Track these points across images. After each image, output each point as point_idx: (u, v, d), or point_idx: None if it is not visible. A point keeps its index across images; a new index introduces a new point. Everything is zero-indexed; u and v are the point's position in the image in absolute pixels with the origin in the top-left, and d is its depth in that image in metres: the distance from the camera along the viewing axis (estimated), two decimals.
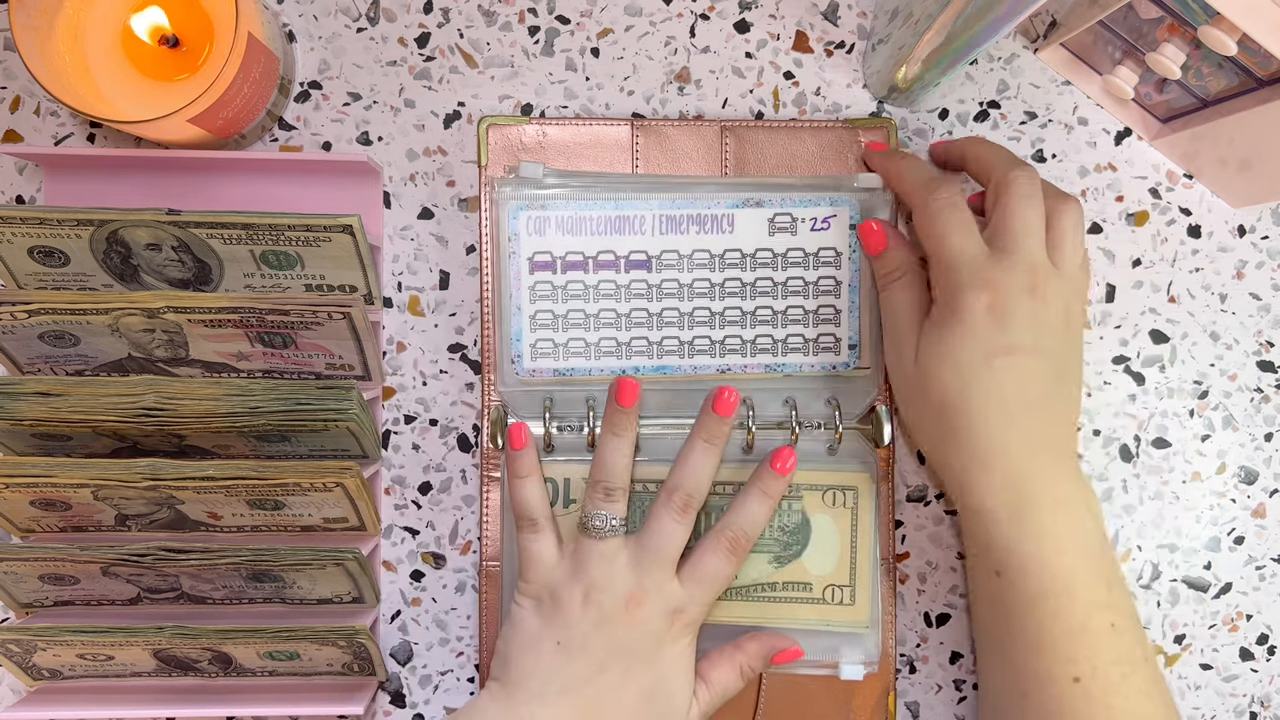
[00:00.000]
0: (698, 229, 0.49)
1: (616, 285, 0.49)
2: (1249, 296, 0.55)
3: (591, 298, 0.50)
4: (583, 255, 0.49)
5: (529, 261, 0.49)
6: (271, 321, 0.48)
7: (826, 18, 0.55)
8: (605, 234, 0.49)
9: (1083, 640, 0.41)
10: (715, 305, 0.50)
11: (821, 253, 0.50)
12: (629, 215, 0.48)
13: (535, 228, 0.48)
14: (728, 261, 0.50)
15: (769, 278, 0.50)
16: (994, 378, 0.42)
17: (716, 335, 0.51)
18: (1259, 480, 0.56)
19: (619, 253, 0.49)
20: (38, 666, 0.51)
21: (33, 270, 0.49)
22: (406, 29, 0.54)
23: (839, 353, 0.51)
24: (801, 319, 0.51)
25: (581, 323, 0.50)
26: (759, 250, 0.50)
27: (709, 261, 0.50)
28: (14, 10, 0.45)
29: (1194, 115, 0.52)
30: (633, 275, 0.50)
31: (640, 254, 0.50)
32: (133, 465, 0.47)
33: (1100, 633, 0.41)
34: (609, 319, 0.50)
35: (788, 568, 0.50)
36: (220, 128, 0.50)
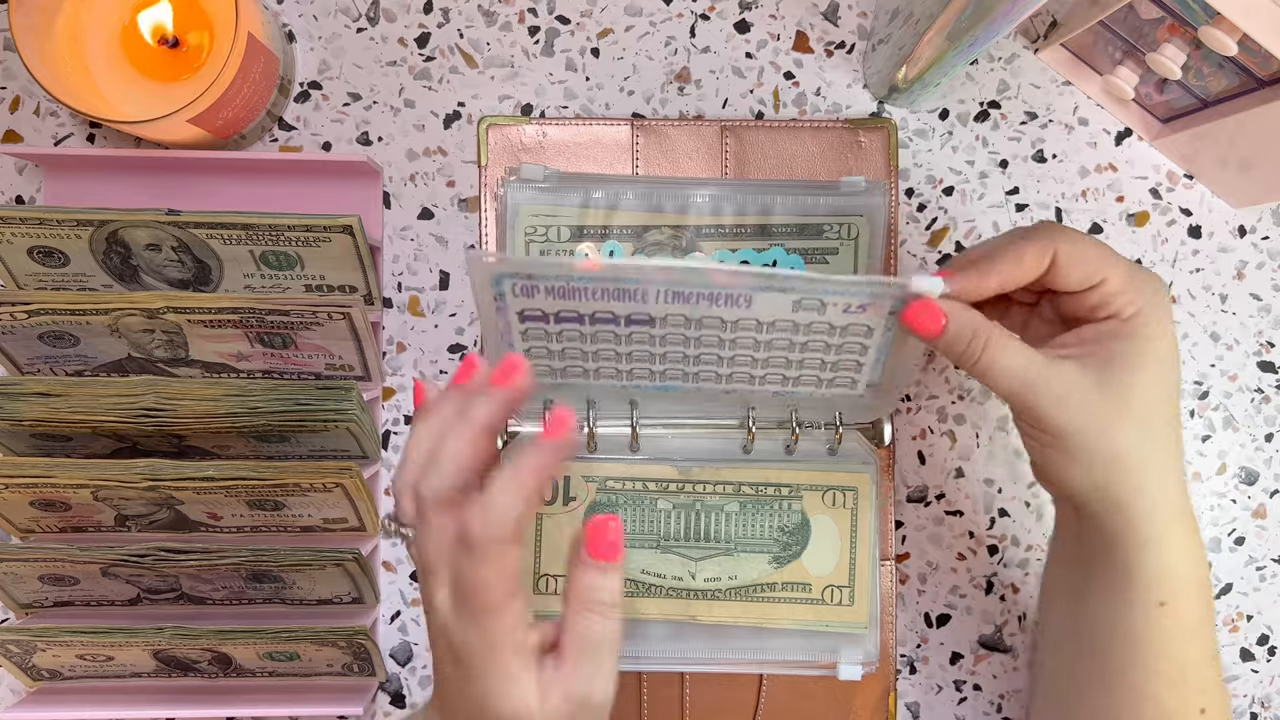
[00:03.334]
0: (709, 303, 0.42)
1: (616, 335, 0.44)
2: (1249, 297, 0.55)
3: (589, 340, 0.45)
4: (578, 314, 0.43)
5: (518, 315, 0.43)
6: (271, 322, 0.48)
7: (827, 18, 0.55)
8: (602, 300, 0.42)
9: (1212, 669, 0.41)
10: (724, 352, 0.45)
11: (852, 327, 0.44)
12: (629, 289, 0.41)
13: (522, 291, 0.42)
14: (741, 328, 0.44)
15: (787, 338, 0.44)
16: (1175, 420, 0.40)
17: (724, 371, 0.46)
18: (1259, 481, 0.55)
19: (618, 313, 0.43)
20: (37, 667, 0.51)
21: (32, 270, 0.49)
22: (406, 29, 0.54)
23: (855, 388, 0.47)
24: (819, 367, 0.46)
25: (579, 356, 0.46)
26: (779, 320, 0.43)
27: (720, 325, 0.44)
28: (14, 10, 0.45)
29: (1194, 115, 0.52)
30: (634, 329, 0.44)
31: (643, 315, 0.43)
32: (132, 466, 0.47)
33: (1215, 658, 0.42)
34: (608, 355, 0.46)
35: (787, 568, 0.50)
36: (220, 128, 0.49)
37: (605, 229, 0.51)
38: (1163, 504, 0.40)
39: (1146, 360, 0.39)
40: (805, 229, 0.51)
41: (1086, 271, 0.40)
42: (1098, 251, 0.40)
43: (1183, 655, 0.40)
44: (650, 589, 0.51)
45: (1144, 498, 0.39)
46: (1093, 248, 0.40)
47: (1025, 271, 0.40)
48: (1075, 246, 0.40)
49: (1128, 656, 0.41)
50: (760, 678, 0.52)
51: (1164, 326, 0.40)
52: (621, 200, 0.51)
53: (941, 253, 0.55)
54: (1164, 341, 0.40)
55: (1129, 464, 0.39)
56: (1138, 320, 0.40)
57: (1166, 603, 0.40)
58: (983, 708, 0.55)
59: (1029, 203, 0.55)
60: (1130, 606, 0.41)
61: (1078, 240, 0.40)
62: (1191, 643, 0.40)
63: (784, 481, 0.51)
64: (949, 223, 0.55)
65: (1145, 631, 0.41)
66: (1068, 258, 0.40)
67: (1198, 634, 0.41)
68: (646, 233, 0.51)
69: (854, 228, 0.51)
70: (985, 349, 0.40)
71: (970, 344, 0.40)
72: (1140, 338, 0.40)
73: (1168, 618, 0.40)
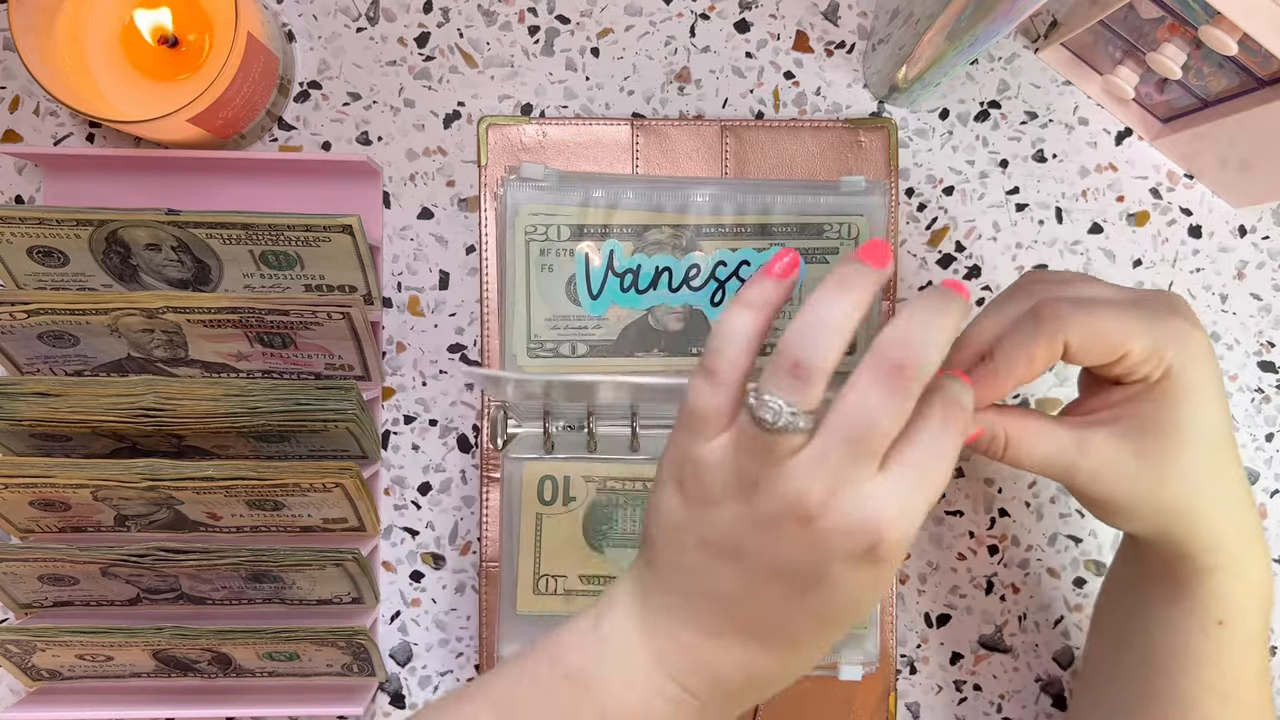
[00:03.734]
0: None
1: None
2: (1250, 297, 0.55)
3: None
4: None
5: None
6: (271, 322, 0.48)
7: (827, 17, 0.55)
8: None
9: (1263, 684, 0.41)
10: None
11: None
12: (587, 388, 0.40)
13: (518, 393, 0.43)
14: None
15: None
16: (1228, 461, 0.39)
17: None
18: (1260, 481, 0.55)
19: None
20: (37, 667, 0.51)
21: (32, 270, 0.49)
22: (406, 29, 0.54)
23: None
24: None
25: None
26: None
27: None
28: (13, 10, 0.45)
29: (1194, 115, 0.52)
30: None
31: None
32: (132, 466, 0.47)
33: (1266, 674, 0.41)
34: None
35: None
36: (220, 128, 0.49)
37: (605, 228, 0.51)
38: (1225, 538, 0.39)
39: (1182, 418, 0.37)
40: (805, 228, 0.51)
41: (1103, 352, 0.37)
42: (1114, 324, 0.36)
43: (1236, 670, 0.40)
44: None
45: (1202, 538, 0.39)
46: (1107, 321, 0.36)
47: (1038, 368, 0.37)
48: (1088, 331, 0.36)
49: (1180, 667, 0.40)
50: None
51: (1200, 375, 0.37)
52: (621, 199, 0.51)
53: (941, 252, 0.55)
54: (1202, 391, 0.37)
55: (1182, 515, 0.38)
56: (1167, 381, 0.37)
57: (1225, 622, 0.39)
58: (983, 708, 0.55)
59: (1029, 202, 0.55)
60: (1188, 618, 0.40)
61: (1089, 322, 0.36)
62: (1246, 659, 0.40)
63: None
64: (949, 222, 0.55)
65: (1200, 646, 0.40)
66: (1081, 345, 0.36)
67: (1253, 650, 0.40)
68: (646, 232, 0.51)
69: (854, 227, 0.51)
70: (1007, 448, 0.38)
71: (990, 445, 0.39)
72: (1172, 397, 0.37)
73: (1225, 634, 0.39)
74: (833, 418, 0.32)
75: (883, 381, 0.32)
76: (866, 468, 0.32)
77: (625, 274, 0.51)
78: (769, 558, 0.33)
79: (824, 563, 0.33)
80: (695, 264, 0.51)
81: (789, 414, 0.32)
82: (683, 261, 0.51)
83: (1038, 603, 0.55)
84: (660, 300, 0.51)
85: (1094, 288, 0.39)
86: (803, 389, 0.32)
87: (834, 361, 0.32)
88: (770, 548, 0.33)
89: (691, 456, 0.34)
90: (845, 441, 0.32)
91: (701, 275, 0.51)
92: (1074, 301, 0.37)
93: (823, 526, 0.32)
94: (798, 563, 0.33)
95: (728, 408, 0.34)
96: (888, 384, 0.32)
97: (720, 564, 0.34)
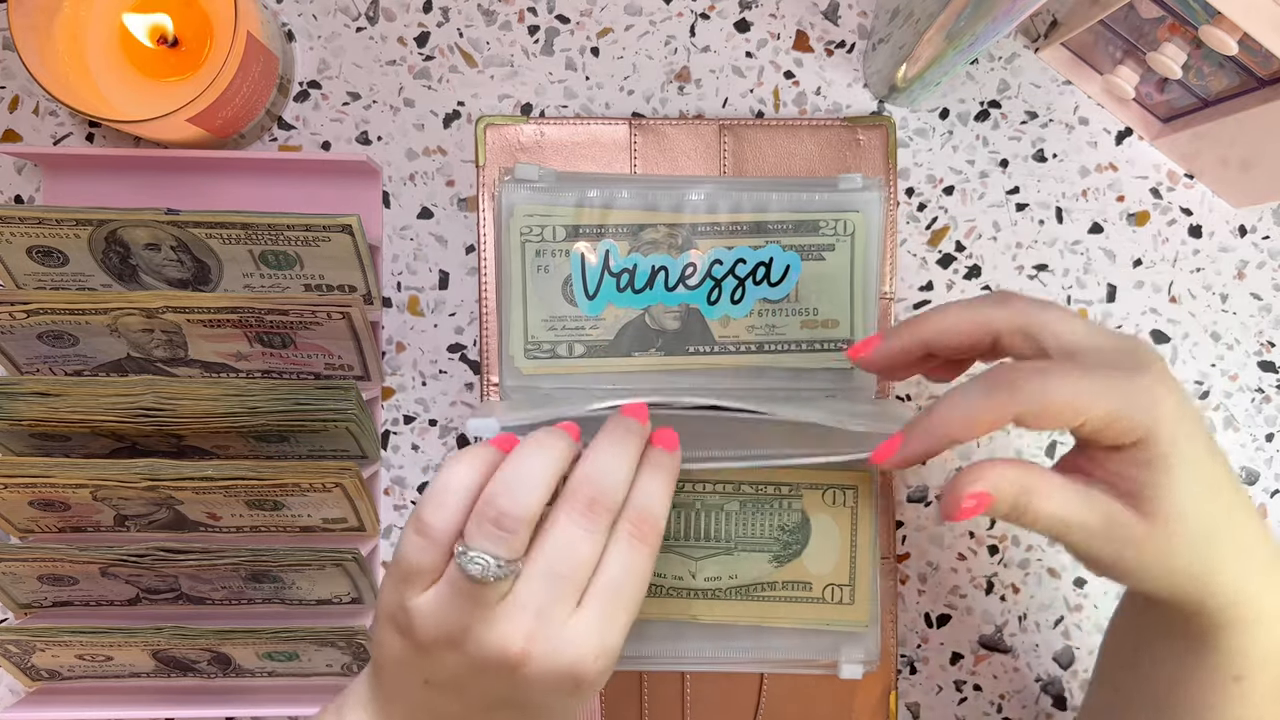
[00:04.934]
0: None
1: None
2: (1250, 296, 0.55)
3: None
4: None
5: None
6: (270, 321, 0.48)
7: (827, 17, 0.55)
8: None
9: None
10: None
11: None
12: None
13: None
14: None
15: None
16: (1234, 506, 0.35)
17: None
18: (1260, 481, 0.55)
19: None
20: (36, 667, 0.51)
21: (31, 270, 0.49)
22: (406, 28, 0.54)
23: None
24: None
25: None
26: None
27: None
28: (13, 10, 0.45)
29: (1195, 115, 0.52)
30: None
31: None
32: (131, 465, 0.47)
33: None
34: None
35: (787, 567, 0.50)
36: (219, 127, 0.49)
37: (601, 228, 0.51)
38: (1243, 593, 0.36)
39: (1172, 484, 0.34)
40: (801, 225, 0.51)
41: (1056, 422, 0.34)
42: (1067, 394, 0.33)
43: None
44: (651, 589, 0.51)
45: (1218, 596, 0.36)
46: (1061, 392, 0.33)
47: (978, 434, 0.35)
48: (1039, 404, 0.34)
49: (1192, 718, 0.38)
50: (761, 677, 0.52)
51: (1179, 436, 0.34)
52: (617, 199, 0.51)
53: (941, 252, 0.55)
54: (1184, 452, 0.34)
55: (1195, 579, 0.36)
56: (1145, 447, 0.34)
57: (1243, 677, 0.37)
58: (983, 708, 0.55)
59: (1029, 202, 0.55)
60: (1203, 673, 0.38)
61: (1042, 393, 0.34)
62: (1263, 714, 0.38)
63: (784, 480, 0.51)
64: (949, 222, 0.55)
65: (1216, 702, 0.38)
66: (1032, 417, 0.34)
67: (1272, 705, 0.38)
68: (642, 231, 0.51)
69: (850, 224, 0.51)
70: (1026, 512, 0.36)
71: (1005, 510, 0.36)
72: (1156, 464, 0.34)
73: (1242, 690, 0.37)
74: (534, 561, 0.35)
75: (577, 519, 0.35)
76: (566, 606, 0.35)
77: (621, 274, 0.51)
78: (489, 695, 0.35)
79: (538, 697, 0.35)
80: (691, 263, 0.51)
81: (495, 567, 0.34)
82: (679, 260, 0.51)
83: (1038, 603, 0.55)
84: (657, 299, 0.51)
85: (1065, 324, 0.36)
86: (508, 540, 0.34)
87: (537, 510, 0.35)
88: (488, 687, 0.35)
89: (405, 607, 0.36)
90: (546, 583, 0.34)
91: (698, 274, 0.51)
92: (1031, 370, 0.34)
93: (528, 674, 0.34)
94: (515, 699, 0.35)
95: (439, 563, 0.35)
96: (582, 521, 0.35)
97: (445, 699, 0.36)
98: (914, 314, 0.39)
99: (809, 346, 0.51)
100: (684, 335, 0.51)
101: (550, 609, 0.34)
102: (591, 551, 0.35)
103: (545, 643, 0.34)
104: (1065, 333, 0.36)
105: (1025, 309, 0.37)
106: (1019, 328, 0.37)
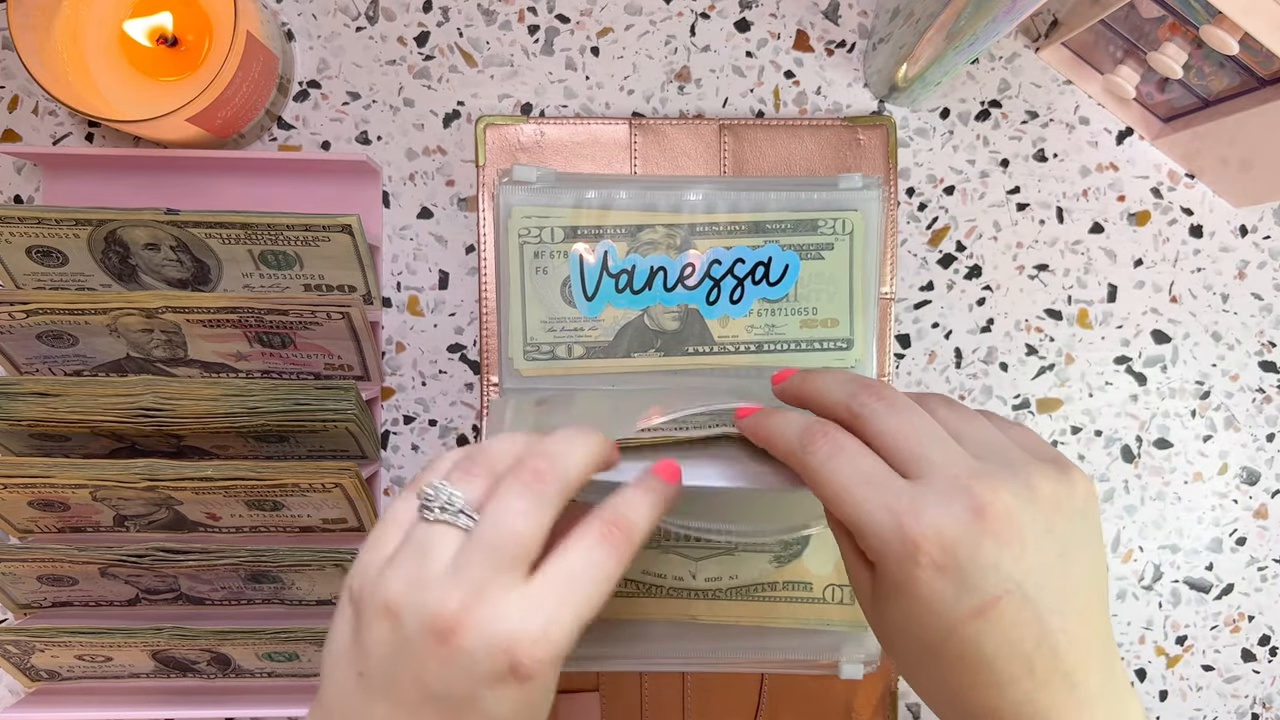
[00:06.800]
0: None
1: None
2: (1251, 296, 0.55)
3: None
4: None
5: None
6: (270, 321, 0.48)
7: (827, 17, 0.55)
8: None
9: None
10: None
11: None
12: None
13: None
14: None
15: None
16: (976, 649, 0.32)
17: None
18: (1261, 481, 0.55)
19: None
20: (36, 667, 0.51)
21: (31, 270, 0.49)
22: (406, 28, 0.54)
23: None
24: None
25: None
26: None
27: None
28: (12, 9, 0.45)
29: (1195, 115, 0.52)
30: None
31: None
32: (131, 466, 0.47)
33: None
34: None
35: (788, 567, 0.50)
36: (219, 127, 0.49)
37: (599, 229, 0.50)
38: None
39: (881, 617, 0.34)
40: (799, 225, 0.51)
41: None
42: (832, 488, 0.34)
43: None
44: (651, 589, 0.51)
45: None
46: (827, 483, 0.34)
47: None
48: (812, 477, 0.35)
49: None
50: (761, 677, 0.52)
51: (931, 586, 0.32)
52: (615, 200, 0.51)
53: (942, 252, 0.55)
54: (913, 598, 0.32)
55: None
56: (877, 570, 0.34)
57: None
58: None
59: (1030, 202, 0.55)
60: None
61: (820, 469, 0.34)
62: None
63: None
64: (950, 222, 0.55)
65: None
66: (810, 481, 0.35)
67: None
68: (640, 232, 0.51)
69: (849, 223, 0.51)
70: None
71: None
72: (878, 591, 0.34)
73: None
74: (477, 528, 0.33)
75: (520, 488, 0.33)
76: (510, 575, 0.32)
77: (620, 274, 0.51)
78: (417, 685, 0.32)
79: (468, 685, 0.31)
80: (690, 263, 0.51)
81: (448, 493, 0.33)
82: (677, 261, 0.51)
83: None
84: (656, 300, 0.51)
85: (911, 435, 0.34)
86: (466, 480, 0.33)
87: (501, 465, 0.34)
88: (415, 672, 0.32)
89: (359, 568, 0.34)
90: (485, 548, 0.32)
91: (697, 274, 0.51)
92: (835, 467, 0.34)
93: (461, 644, 0.31)
94: (444, 687, 0.31)
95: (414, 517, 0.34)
96: (526, 489, 0.33)
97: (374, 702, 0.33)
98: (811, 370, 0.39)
99: (808, 346, 0.51)
100: (683, 335, 0.51)
101: (491, 576, 0.32)
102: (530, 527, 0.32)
103: (480, 609, 0.31)
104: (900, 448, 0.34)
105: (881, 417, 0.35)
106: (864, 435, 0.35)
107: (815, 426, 0.35)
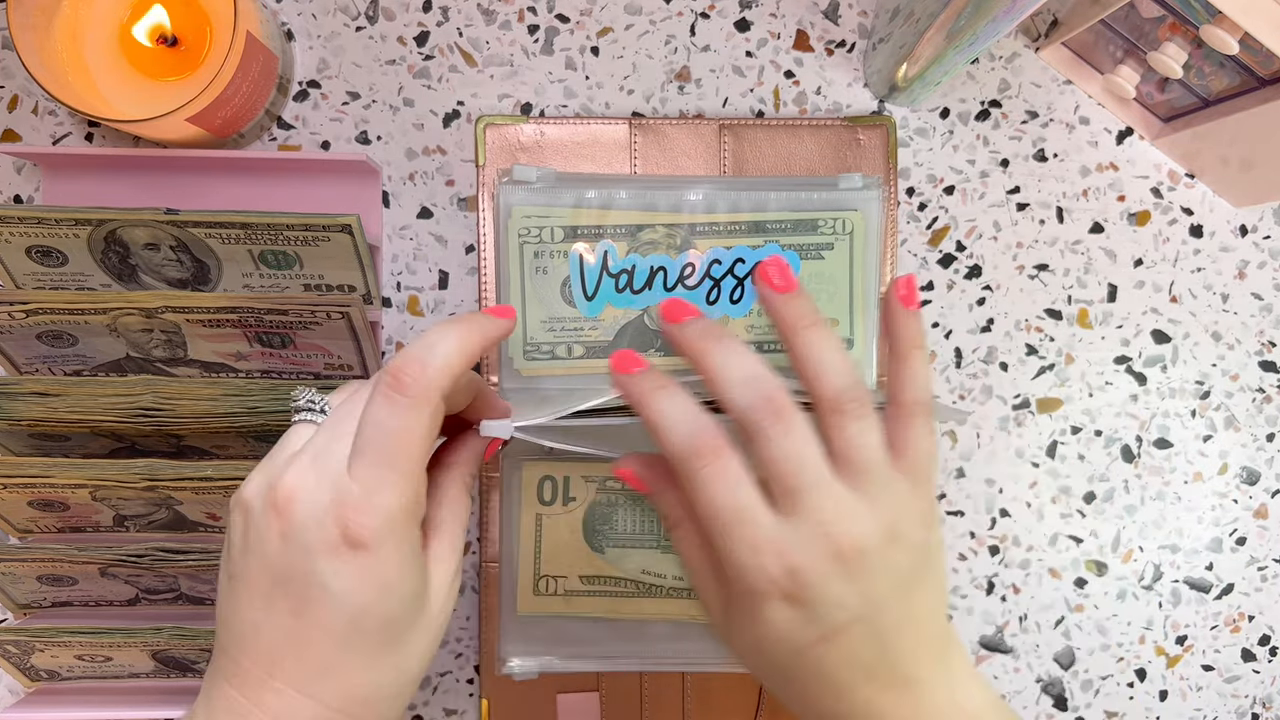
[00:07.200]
0: None
1: None
2: (1251, 296, 0.55)
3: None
4: None
5: None
6: (270, 321, 0.48)
7: (827, 16, 0.55)
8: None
9: None
10: None
11: None
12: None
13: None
14: None
15: None
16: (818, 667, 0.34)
17: None
18: (1261, 481, 0.55)
19: None
20: (36, 667, 0.51)
21: (31, 270, 0.49)
22: (405, 28, 0.54)
23: None
24: None
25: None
26: None
27: None
28: (12, 9, 0.45)
29: (1196, 115, 0.52)
30: None
31: None
32: (131, 466, 0.47)
33: None
34: None
35: None
36: (219, 127, 0.49)
37: (599, 229, 0.50)
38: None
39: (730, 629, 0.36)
40: (800, 225, 0.51)
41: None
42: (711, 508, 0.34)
43: None
44: (651, 589, 0.51)
45: None
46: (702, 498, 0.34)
47: None
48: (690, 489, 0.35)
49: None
50: None
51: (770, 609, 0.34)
52: (615, 199, 0.51)
53: (942, 252, 0.55)
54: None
55: None
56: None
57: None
58: None
59: (1030, 202, 0.55)
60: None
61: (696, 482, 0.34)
62: None
63: None
64: (950, 222, 0.55)
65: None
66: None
67: None
68: (640, 231, 0.51)
69: (849, 223, 0.51)
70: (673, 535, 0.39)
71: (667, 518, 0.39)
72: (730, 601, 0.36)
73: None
74: (324, 419, 0.36)
75: (371, 387, 0.34)
76: (338, 452, 0.33)
77: (620, 274, 0.51)
78: (264, 570, 0.33)
79: (306, 560, 0.32)
80: (690, 263, 0.51)
81: (310, 396, 0.36)
82: (677, 260, 0.51)
83: (1038, 603, 0.55)
84: (656, 300, 0.51)
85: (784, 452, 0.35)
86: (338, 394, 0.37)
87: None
88: (260, 557, 0.33)
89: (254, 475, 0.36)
90: (324, 431, 0.34)
91: (697, 274, 0.51)
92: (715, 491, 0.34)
93: (294, 517, 0.32)
94: (285, 565, 0.33)
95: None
96: (376, 386, 0.33)
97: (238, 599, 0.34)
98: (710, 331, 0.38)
99: None
100: None
101: (324, 454, 0.33)
102: (370, 412, 0.33)
103: (310, 478, 0.33)
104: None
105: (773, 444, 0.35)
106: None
107: (707, 440, 0.34)
